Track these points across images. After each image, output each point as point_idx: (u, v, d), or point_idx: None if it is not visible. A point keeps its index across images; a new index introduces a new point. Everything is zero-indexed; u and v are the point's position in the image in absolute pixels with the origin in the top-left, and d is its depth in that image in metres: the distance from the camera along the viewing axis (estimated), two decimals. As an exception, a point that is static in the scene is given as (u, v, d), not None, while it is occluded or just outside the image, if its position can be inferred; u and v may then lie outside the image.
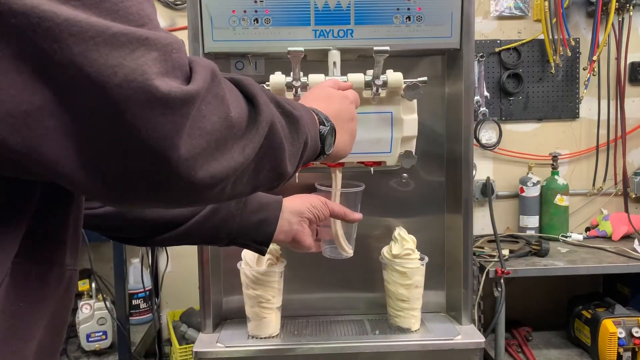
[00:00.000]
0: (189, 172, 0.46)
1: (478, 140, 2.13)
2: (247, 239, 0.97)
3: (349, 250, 1.17)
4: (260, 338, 1.24)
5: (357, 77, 1.12)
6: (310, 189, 1.21)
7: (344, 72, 1.16)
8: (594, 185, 2.21)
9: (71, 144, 0.42)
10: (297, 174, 0.86)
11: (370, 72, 1.12)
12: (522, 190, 2.11)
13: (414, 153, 1.21)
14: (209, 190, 0.49)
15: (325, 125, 0.72)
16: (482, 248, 1.87)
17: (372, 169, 1.22)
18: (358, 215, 1.11)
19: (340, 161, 0.96)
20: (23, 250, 0.49)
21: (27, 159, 0.42)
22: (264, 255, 1.03)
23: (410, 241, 1.26)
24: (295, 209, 1.02)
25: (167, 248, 2.09)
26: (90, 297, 1.90)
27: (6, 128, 0.40)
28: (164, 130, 0.43)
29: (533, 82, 2.16)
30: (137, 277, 2.09)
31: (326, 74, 1.17)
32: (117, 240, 0.96)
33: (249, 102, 0.55)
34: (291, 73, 1.12)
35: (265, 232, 0.98)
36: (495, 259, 1.73)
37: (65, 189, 0.51)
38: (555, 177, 2.08)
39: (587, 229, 2.15)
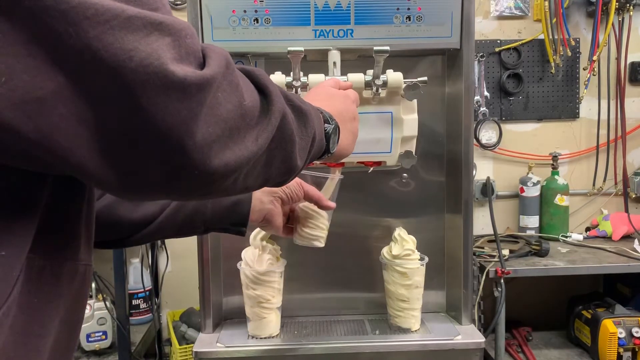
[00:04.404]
0: (204, 160, 0.45)
1: (478, 140, 2.13)
2: (223, 223, 0.95)
3: (321, 240, 1.10)
4: (260, 338, 1.24)
5: (357, 77, 1.12)
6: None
7: (344, 72, 1.16)
8: (594, 185, 2.20)
9: (85, 131, 0.41)
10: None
11: (370, 72, 1.12)
12: (522, 190, 2.11)
13: (414, 153, 1.21)
14: (222, 181, 0.49)
15: (329, 124, 0.71)
16: (482, 248, 1.87)
17: (372, 168, 1.22)
18: (332, 204, 1.07)
19: (341, 161, 0.95)
20: (36, 245, 0.48)
21: (39, 148, 0.41)
22: (243, 236, 1.01)
23: (410, 241, 1.26)
24: (268, 187, 1.00)
25: (167, 248, 2.10)
26: (90, 297, 1.89)
27: (19, 116, 0.39)
28: (180, 116, 0.42)
29: (533, 82, 2.16)
30: (137, 277, 2.09)
31: (326, 74, 1.17)
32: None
33: (261, 92, 0.54)
34: (291, 73, 1.12)
35: (240, 213, 0.96)
36: (495, 259, 1.72)
37: (77, 183, 0.50)
38: (555, 177, 2.08)
39: (587, 229, 2.15)
